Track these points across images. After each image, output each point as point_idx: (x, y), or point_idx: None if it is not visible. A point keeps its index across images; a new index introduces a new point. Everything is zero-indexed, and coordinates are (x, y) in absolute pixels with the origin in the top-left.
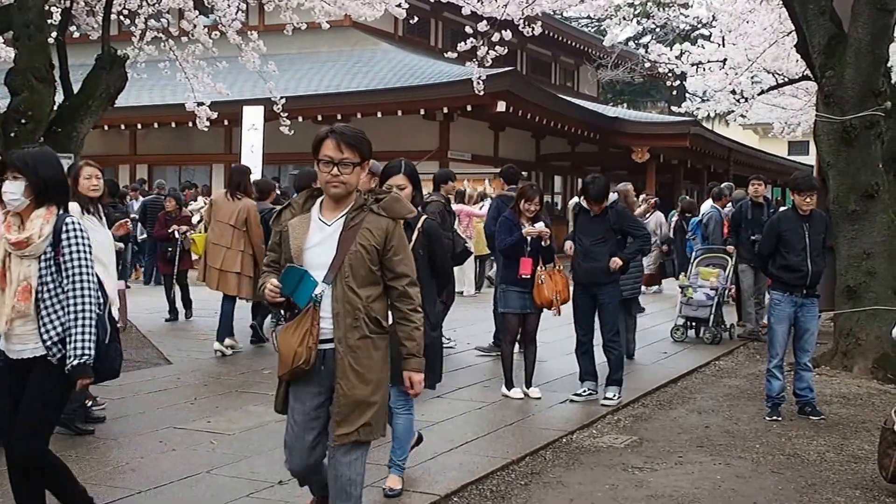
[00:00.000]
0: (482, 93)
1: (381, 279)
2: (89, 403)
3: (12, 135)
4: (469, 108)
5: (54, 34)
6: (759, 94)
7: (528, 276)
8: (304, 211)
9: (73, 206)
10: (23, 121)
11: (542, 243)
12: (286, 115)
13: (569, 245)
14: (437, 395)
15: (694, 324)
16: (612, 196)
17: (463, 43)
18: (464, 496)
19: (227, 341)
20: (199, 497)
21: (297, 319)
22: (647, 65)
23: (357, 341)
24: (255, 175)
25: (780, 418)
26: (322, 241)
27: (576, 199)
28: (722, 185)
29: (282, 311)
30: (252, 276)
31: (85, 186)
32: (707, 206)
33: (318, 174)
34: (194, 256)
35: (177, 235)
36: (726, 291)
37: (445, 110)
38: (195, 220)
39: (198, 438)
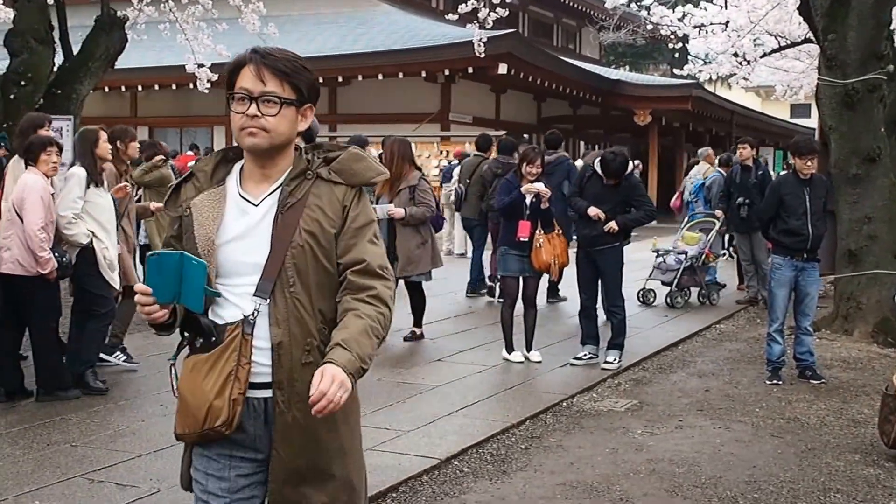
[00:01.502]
0: (483, 55)
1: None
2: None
3: (12, 97)
4: (470, 70)
5: None
6: (761, 57)
7: (527, 239)
8: (214, 184)
9: (79, 171)
10: (22, 83)
11: (541, 205)
12: None
13: (595, 211)
14: (438, 358)
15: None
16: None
17: (464, 4)
18: (464, 460)
19: None
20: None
21: (214, 353)
22: (650, 27)
23: (307, 384)
24: None
25: (780, 382)
26: (247, 232)
27: (579, 162)
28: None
29: (183, 335)
30: None
31: (104, 150)
32: (695, 170)
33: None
34: None
35: None
36: (703, 256)
37: (447, 73)
38: None
39: None
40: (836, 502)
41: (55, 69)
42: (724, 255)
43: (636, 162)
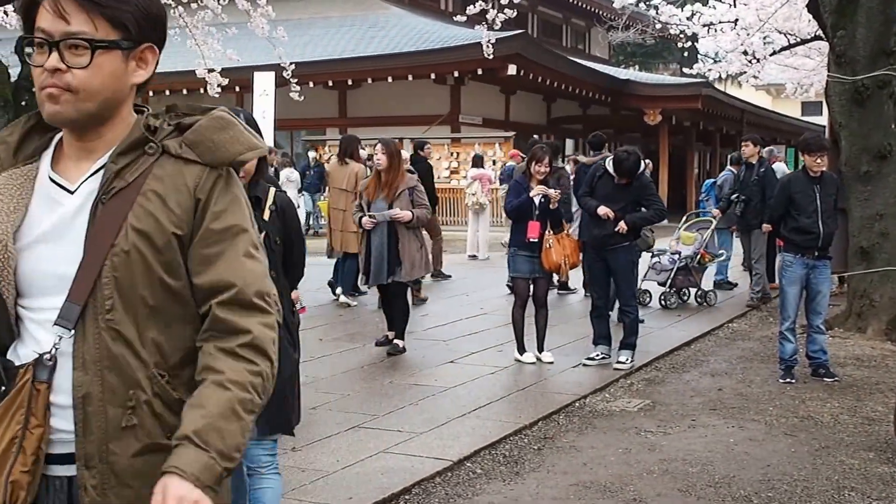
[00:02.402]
0: (492, 56)
1: (192, 304)
2: None
3: (23, 104)
4: (480, 71)
5: None
6: (771, 55)
7: (536, 240)
8: (20, 161)
9: None
10: (34, 89)
11: (550, 206)
12: (296, 80)
13: (604, 210)
14: (450, 360)
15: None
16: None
17: (472, 6)
18: (477, 461)
19: (343, 298)
20: None
21: None
22: (659, 26)
23: (131, 460)
24: (268, 141)
25: (793, 381)
26: (56, 231)
27: (580, 158)
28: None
29: None
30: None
31: None
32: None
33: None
34: (322, 221)
35: None
36: (698, 256)
37: (456, 74)
38: None
39: None
40: (850, 500)
41: None
42: (723, 255)
43: (647, 161)
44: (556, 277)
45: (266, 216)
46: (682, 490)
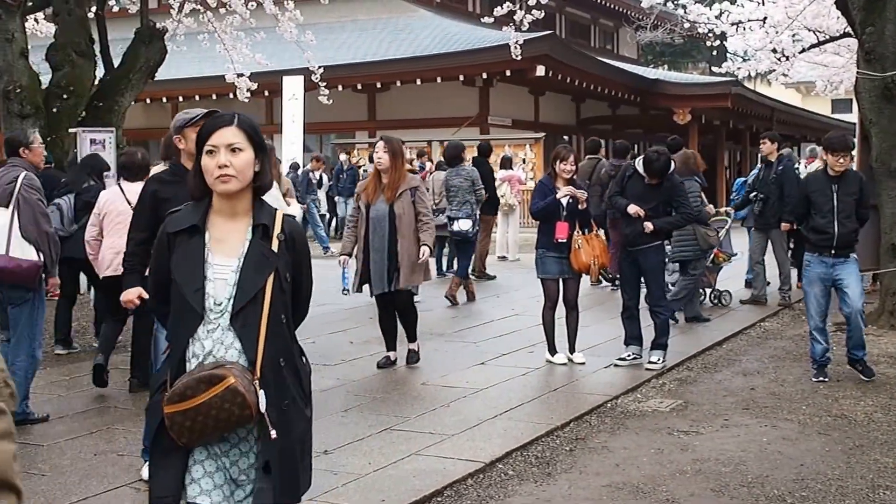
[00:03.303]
0: (520, 57)
1: None
2: None
3: (55, 110)
4: (508, 73)
5: (93, 9)
6: (800, 53)
7: (565, 241)
8: None
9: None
10: (65, 96)
11: (578, 206)
12: (325, 84)
13: (634, 209)
14: (481, 361)
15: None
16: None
17: (500, 7)
18: (509, 462)
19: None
20: None
21: None
22: (687, 25)
23: None
24: (298, 145)
25: (826, 379)
26: None
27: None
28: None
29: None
30: None
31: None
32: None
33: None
34: None
35: None
36: (711, 256)
37: (484, 76)
38: None
39: None
40: (885, 500)
41: (97, 82)
42: (738, 255)
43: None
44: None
45: (274, 246)
46: (716, 490)
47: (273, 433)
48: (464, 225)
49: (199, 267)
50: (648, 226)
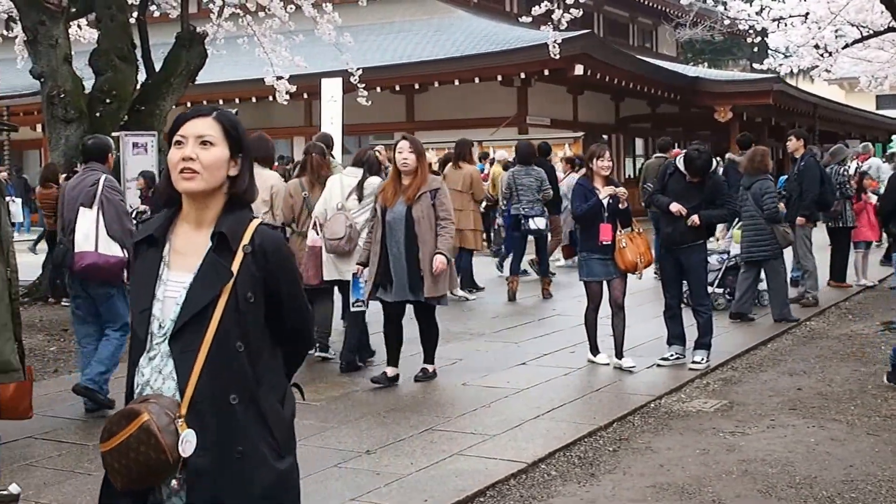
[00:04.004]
0: (558, 57)
1: None
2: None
3: (98, 114)
4: (546, 72)
5: (135, 14)
6: (843, 48)
7: (609, 243)
8: None
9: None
10: (107, 100)
11: (620, 205)
12: (363, 85)
13: (676, 207)
14: (522, 361)
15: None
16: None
17: (538, 6)
18: (551, 463)
19: (461, 292)
20: None
21: None
22: (727, 22)
23: None
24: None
25: None
26: None
27: (654, 157)
28: (835, 147)
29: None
30: (480, 230)
31: None
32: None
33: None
34: None
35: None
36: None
37: (523, 76)
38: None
39: None
40: None
41: (138, 86)
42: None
43: (718, 159)
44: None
45: (237, 260)
46: (763, 491)
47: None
48: (539, 223)
49: (150, 284)
50: (695, 219)
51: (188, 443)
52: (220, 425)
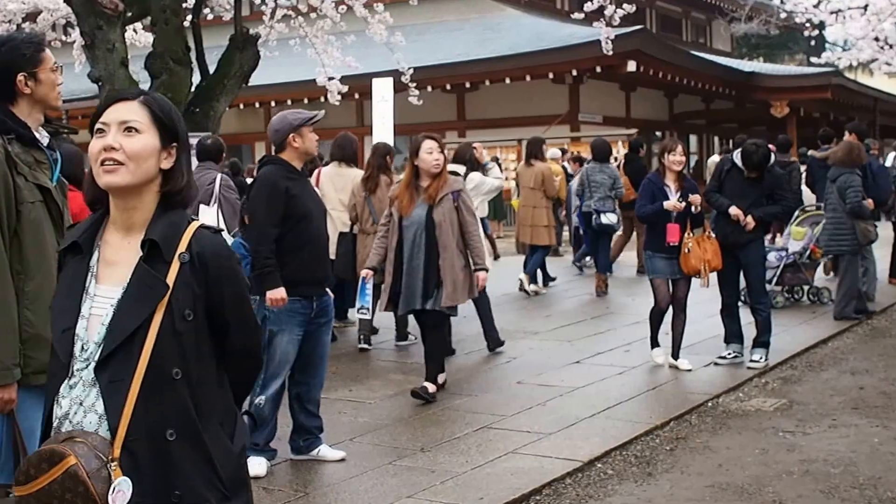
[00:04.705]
0: (611, 53)
1: None
2: None
3: None
4: (598, 69)
5: (189, 17)
6: None
7: (676, 244)
8: None
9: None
10: None
11: (693, 209)
12: (415, 85)
13: (735, 211)
14: (576, 360)
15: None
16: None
17: (590, 2)
18: (608, 462)
19: (533, 286)
20: (342, 465)
21: None
22: (783, 15)
23: None
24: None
25: None
26: None
27: (715, 157)
28: None
29: None
30: (553, 225)
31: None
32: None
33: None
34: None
35: None
36: (808, 252)
37: (574, 73)
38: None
39: (340, 407)
40: None
41: (193, 88)
42: None
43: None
44: None
45: (172, 270)
46: (825, 492)
47: None
48: (611, 218)
49: (76, 300)
50: (749, 221)
51: (121, 492)
52: (155, 466)
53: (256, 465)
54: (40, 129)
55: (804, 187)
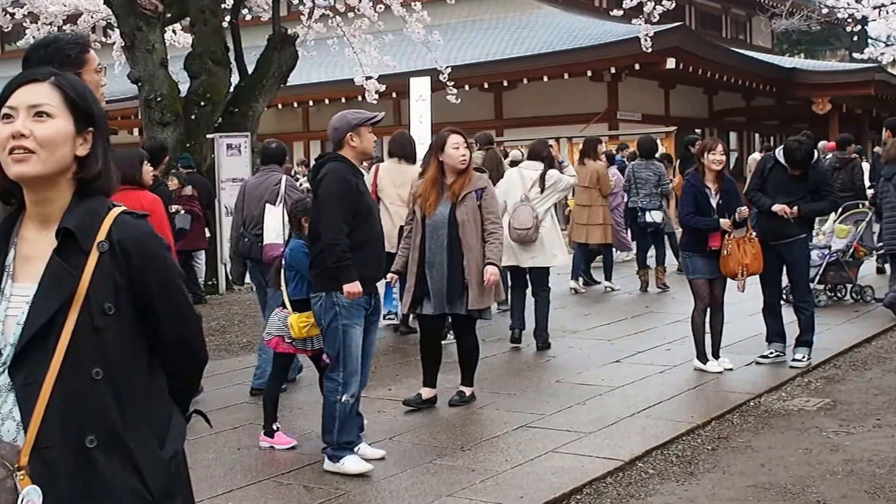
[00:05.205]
0: (650, 50)
1: None
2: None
3: (193, 117)
4: (637, 66)
5: (228, 18)
6: None
7: (718, 248)
8: None
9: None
10: (202, 103)
11: (738, 217)
12: (452, 84)
13: (779, 208)
14: (616, 359)
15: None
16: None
17: (628, 0)
18: (648, 461)
19: (573, 283)
20: (382, 464)
21: None
22: (825, 11)
23: None
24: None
25: None
26: None
27: (755, 155)
28: None
29: None
30: (609, 224)
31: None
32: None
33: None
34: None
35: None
36: (851, 250)
37: (613, 70)
38: None
39: (379, 406)
40: None
41: (232, 88)
42: (882, 247)
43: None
44: None
45: (90, 261)
46: (870, 493)
47: None
48: (656, 216)
49: None
50: (794, 211)
51: (30, 502)
52: (73, 476)
53: (358, 464)
54: None
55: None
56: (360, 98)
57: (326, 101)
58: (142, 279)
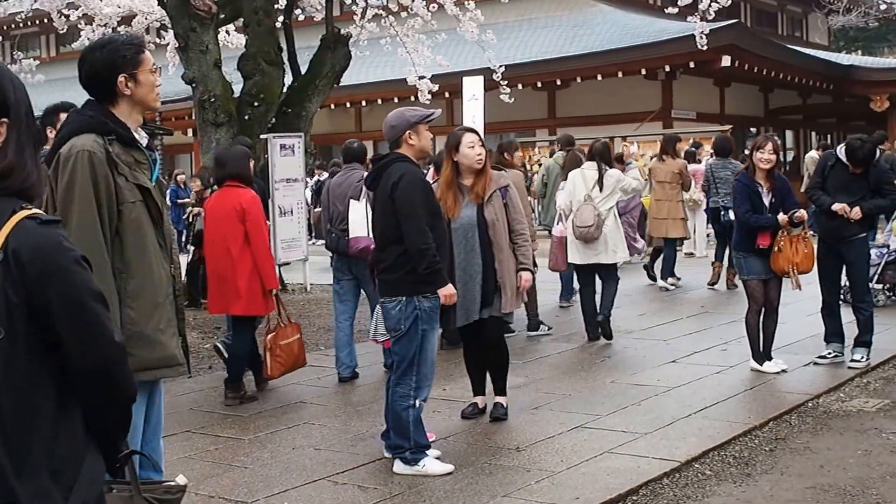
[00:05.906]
0: (705, 48)
1: None
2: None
3: (246, 117)
4: (692, 64)
5: (281, 18)
6: None
7: (766, 248)
8: None
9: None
10: (255, 103)
11: (794, 219)
12: (506, 83)
13: (839, 206)
14: (672, 359)
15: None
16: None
17: None
18: (706, 462)
19: (670, 280)
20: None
21: None
22: (883, 7)
23: None
24: None
25: None
26: None
27: (812, 153)
28: None
29: None
30: (685, 218)
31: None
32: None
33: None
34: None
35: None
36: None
37: (667, 69)
38: None
39: (434, 406)
40: None
41: (285, 89)
42: None
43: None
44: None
45: None
46: None
47: None
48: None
49: None
50: (857, 211)
51: None
52: None
53: (440, 466)
54: (139, 129)
55: None
56: (412, 98)
57: (379, 102)
58: (40, 296)
